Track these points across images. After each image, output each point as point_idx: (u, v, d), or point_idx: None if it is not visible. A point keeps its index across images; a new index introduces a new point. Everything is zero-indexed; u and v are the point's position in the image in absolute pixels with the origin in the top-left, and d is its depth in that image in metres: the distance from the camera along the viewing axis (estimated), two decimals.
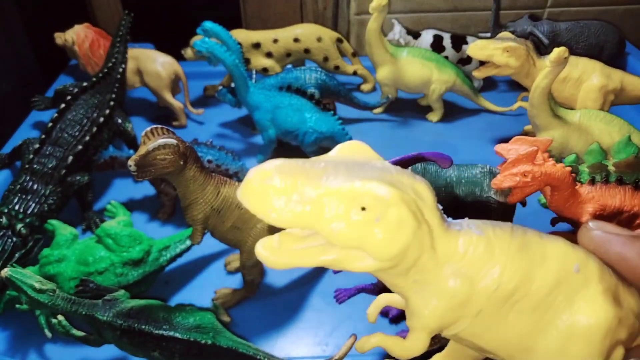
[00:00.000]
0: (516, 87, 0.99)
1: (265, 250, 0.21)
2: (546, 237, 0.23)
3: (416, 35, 0.96)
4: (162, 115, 0.92)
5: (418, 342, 0.25)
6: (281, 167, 0.20)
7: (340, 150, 0.22)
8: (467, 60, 0.97)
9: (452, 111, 0.94)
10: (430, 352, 0.29)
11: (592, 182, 0.55)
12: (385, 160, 0.22)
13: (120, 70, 0.80)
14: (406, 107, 0.96)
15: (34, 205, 0.60)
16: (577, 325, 0.22)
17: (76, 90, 0.71)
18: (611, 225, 0.24)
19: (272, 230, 0.53)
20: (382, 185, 0.19)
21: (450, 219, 0.23)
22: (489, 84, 1.03)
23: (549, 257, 0.22)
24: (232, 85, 0.80)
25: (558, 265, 0.22)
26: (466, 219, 0.24)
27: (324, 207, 0.19)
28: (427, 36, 0.95)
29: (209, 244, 0.57)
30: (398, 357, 0.27)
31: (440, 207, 0.23)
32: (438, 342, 0.41)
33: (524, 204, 0.58)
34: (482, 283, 0.22)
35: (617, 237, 0.23)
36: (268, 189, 0.19)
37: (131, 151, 0.76)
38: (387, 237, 0.20)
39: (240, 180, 0.68)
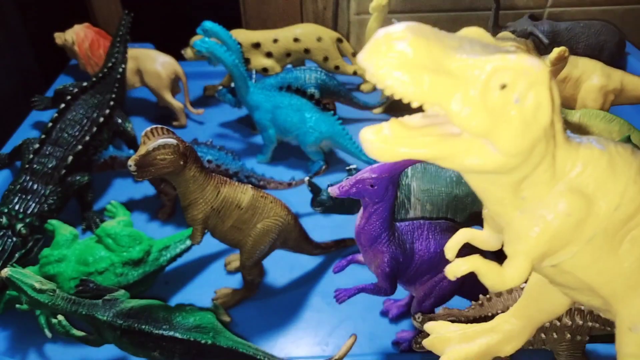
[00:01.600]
0: None
1: (379, 142, 0.18)
2: None
3: None
4: (162, 115, 0.92)
5: (518, 271, 0.21)
6: (416, 29, 0.17)
7: (464, 32, 0.20)
8: None
9: None
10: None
11: None
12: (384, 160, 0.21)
13: (120, 70, 0.80)
14: (406, 107, 0.95)
15: (34, 205, 0.60)
16: None
17: (76, 90, 0.71)
18: None
19: (272, 231, 0.53)
20: (532, 58, 0.16)
21: (568, 131, 0.20)
22: None
23: None
24: (232, 85, 0.80)
25: None
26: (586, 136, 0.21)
27: (459, 81, 0.17)
28: None
29: (209, 244, 0.57)
30: (491, 287, 0.23)
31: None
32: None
33: None
34: (601, 202, 0.19)
35: None
36: (396, 51, 0.17)
37: (131, 151, 0.76)
38: (522, 124, 0.17)
39: (240, 180, 0.68)
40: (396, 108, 0.94)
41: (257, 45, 0.93)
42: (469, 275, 0.54)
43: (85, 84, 0.73)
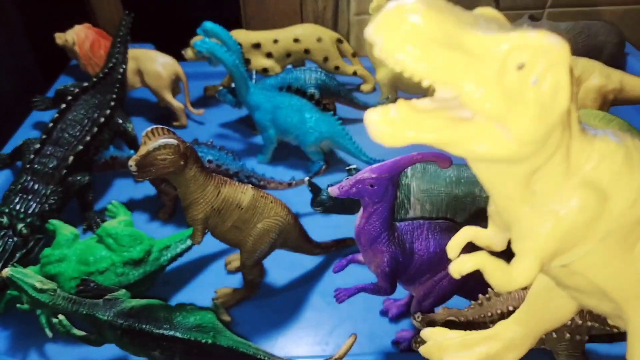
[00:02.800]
0: None
1: (382, 118, 0.17)
2: None
3: None
4: (163, 116, 0.92)
5: (527, 270, 0.20)
6: (428, 1, 0.16)
7: (482, 11, 0.18)
8: None
9: None
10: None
11: None
12: (385, 160, 0.20)
13: (121, 70, 0.80)
14: None
15: (34, 205, 0.61)
16: None
17: (77, 90, 0.71)
18: None
19: (272, 232, 0.53)
20: (551, 36, 0.15)
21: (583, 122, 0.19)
22: None
23: None
24: (232, 85, 0.80)
25: None
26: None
27: (475, 59, 0.15)
28: None
29: (210, 244, 0.57)
30: (497, 286, 0.22)
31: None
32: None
33: None
34: (617, 198, 0.18)
35: None
36: (408, 24, 0.15)
37: (132, 151, 0.76)
38: (540, 107, 0.15)
39: (240, 180, 0.68)
40: None
41: (257, 46, 0.93)
42: (470, 275, 0.54)
43: (85, 84, 0.73)
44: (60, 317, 0.48)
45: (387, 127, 0.18)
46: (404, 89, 0.91)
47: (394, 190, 0.46)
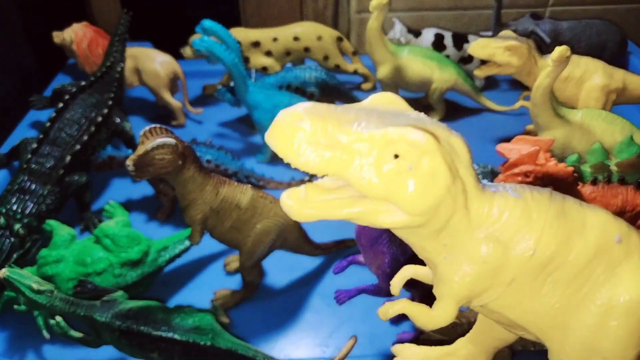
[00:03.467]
0: (518, 86, 0.98)
1: (291, 200, 0.20)
2: (587, 206, 0.22)
3: (417, 33, 0.95)
4: (161, 115, 0.92)
5: (445, 312, 0.23)
6: (312, 110, 0.19)
7: (372, 100, 0.21)
8: (469, 59, 0.96)
9: (454, 110, 0.94)
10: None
11: (594, 182, 0.55)
12: None
13: (119, 69, 0.79)
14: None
15: (32, 205, 0.60)
16: (618, 299, 0.20)
17: (74, 89, 0.71)
18: None
19: (271, 232, 0.52)
20: (417, 131, 0.18)
21: (485, 180, 0.22)
22: (491, 83, 1.02)
23: (589, 226, 0.20)
24: (232, 84, 0.80)
25: (598, 235, 0.20)
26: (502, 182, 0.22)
27: (355, 153, 0.18)
28: (428, 35, 0.95)
29: (208, 245, 0.56)
30: (423, 327, 0.25)
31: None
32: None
33: None
34: (517, 249, 0.20)
35: None
36: (298, 131, 0.19)
37: (129, 151, 0.76)
38: (420, 188, 0.18)
39: (239, 180, 0.68)
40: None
41: (256, 44, 0.92)
42: None
43: (83, 83, 0.72)
44: (58, 318, 0.48)
45: (296, 205, 0.20)
46: (405, 87, 0.90)
47: None
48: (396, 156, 0.18)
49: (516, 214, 0.20)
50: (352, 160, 0.18)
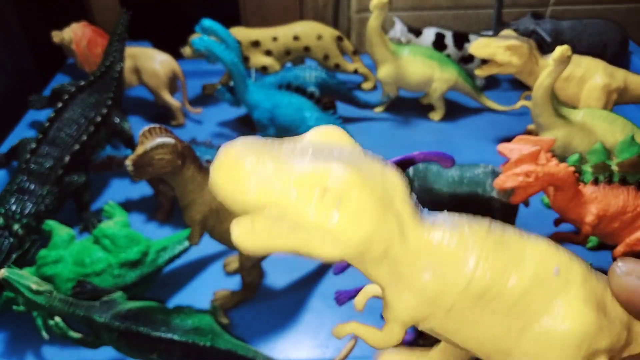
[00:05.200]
0: (519, 85, 0.98)
1: (239, 232, 0.20)
2: (527, 237, 0.22)
3: (418, 33, 0.95)
4: (160, 114, 0.92)
5: (392, 334, 0.24)
6: (252, 146, 0.20)
7: (313, 134, 0.22)
8: (469, 58, 0.96)
9: (454, 110, 0.93)
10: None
11: (596, 182, 0.55)
12: (387, 159, 0.21)
13: (118, 68, 0.79)
14: (407, 106, 0.95)
15: (30, 205, 0.60)
16: (553, 330, 0.21)
17: (73, 89, 0.70)
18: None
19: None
20: (342, 167, 0.19)
21: (425, 210, 0.23)
22: (492, 82, 1.02)
23: (527, 257, 0.21)
24: (231, 83, 0.79)
25: (536, 266, 0.21)
26: (444, 211, 0.23)
27: (291, 188, 0.19)
28: (429, 34, 0.94)
29: (208, 245, 0.56)
30: (373, 346, 0.26)
31: (415, 198, 0.22)
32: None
33: (526, 204, 0.58)
34: (454, 278, 0.21)
35: None
36: (239, 168, 0.19)
37: (129, 151, 0.75)
38: (348, 222, 0.19)
39: None
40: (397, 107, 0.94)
41: (256, 44, 0.92)
42: None
43: (82, 82, 0.72)
44: (57, 319, 0.47)
45: (243, 237, 0.21)
46: (406, 87, 0.90)
47: None
48: (325, 190, 0.19)
49: (452, 245, 0.21)
50: (289, 194, 0.19)
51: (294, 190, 0.19)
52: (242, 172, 0.19)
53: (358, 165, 0.20)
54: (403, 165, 0.44)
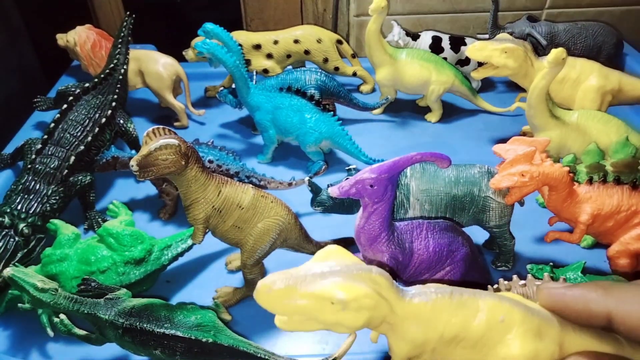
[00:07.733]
0: (514, 87, 0.99)
1: (279, 322, 0.30)
2: (479, 295, 0.32)
3: (415, 36, 0.96)
4: (164, 116, 0.93)
5: None
6: (280, 277, 0.29)
7: (319, 256, 0.31)
8: (466, 61, 0.97)
9: (451, 112, 0.95)
10: None
11: (590, 182, 0.56)
12: (384, 161, 0.23)
13: (122, 71, 0.80)
14: (405, 108, 0.96)
15: (36, 204, 0.61)
16: (505, 357, 0.30)
17: (78, 90, 0.72)
18: (555, 283, 0.35)
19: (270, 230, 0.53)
20: (340, 291, 0.28)
21: (402, 287, 0.31)
22: (488, 84, 1.03)
23: (480, 311, 0.31)
24: (233, 86, 0.81)
25: (487, 317, 0.31)
26: (417, 286, 0.32)
27: (312, 302, 0.29)
28: (426, 37, 0.96)
29: (210, 243, 0.57)
30: None
31: (396, 284, 0.31)
32: None
33: (521, 203, 0.59)
34: (431, 333, 0.31)
35: (560, 290, 0.31)
36: (275, 293, 0.29)
37: (133, 151, 0.76)
38: (352, 319, 0.29)
39: (240, 180, 0.68)
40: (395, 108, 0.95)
41: (257, 47, 0.93)
42: (468, 274, 0.54)
43: (87, 84, 0.73)
44: (62, 316, 0.48)
45: (283, 326, 0.30)
46: (403, 89, 0.91)
47: (393, 190, 0.46)
48: (333, 303, 0.29)
49: (426, 312, 0.31)
50: (312, 306, 0.29)
51: (315, 303, 0.28)
52: (275, 296, 0.28)
53: (354, 278, 0.29)
54: (402, 166, 0.45)
